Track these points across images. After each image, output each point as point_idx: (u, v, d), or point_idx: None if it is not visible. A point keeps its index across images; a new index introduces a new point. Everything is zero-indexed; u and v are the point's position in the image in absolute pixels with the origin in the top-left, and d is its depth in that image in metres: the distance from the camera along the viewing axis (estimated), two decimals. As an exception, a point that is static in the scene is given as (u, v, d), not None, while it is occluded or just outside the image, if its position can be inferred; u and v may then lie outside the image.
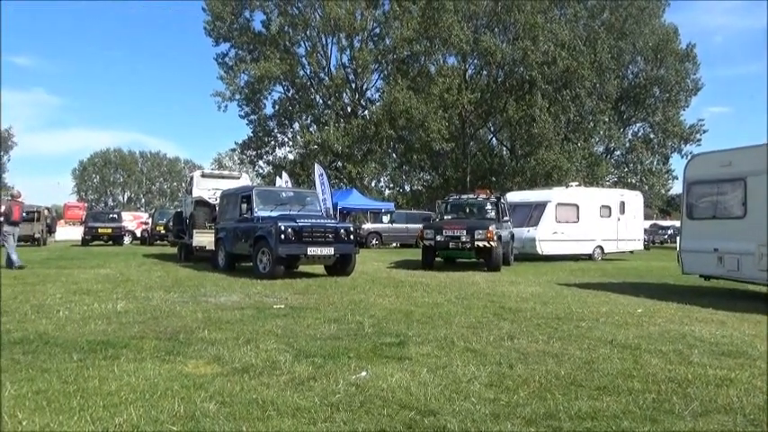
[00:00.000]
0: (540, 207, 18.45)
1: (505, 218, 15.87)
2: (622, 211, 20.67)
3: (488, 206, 15.71)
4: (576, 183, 24.58)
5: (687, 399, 3.84)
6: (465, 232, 13.82)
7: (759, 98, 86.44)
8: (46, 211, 28.53)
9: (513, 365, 4.59)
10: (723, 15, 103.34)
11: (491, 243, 13.67)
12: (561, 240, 18.48)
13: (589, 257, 19.61)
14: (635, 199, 22.04)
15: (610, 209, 20.31)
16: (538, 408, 3.60)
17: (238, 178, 18.07)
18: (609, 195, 21.39)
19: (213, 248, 13.94)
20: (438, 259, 15.34)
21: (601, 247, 19.98)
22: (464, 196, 16.51)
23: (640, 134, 44.70)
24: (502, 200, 16.21)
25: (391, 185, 48.70)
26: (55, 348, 4.91)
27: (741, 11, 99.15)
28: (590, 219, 19.56)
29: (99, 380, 4.03)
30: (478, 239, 13.67)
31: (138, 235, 31.82)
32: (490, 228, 13.86)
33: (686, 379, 4.29)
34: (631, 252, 21.75)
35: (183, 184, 27.98)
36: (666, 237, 40.98)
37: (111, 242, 27.48)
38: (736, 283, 10.08)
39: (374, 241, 26.44)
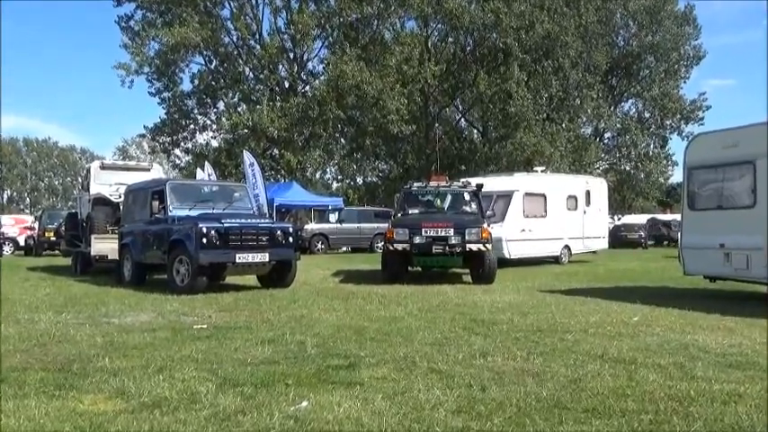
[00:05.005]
0: (504, 198, 18.06)
1: (489, 212, 15.23)
2: (588, 202, 20.96)
3: (466, 196, 14.78)
4: (542, 168, 24.74)
5: (689, 419, 3.95)
6: (453, 232, 12.81)
7: None
8: None
9: (485, 388, 4.64)
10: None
11: (486, 246, 12.88)
12: (529, 240, 18.34)
13: (555, 260, 19.64)
14: (600, 187, 22.44)
15: (576, 200, 20.49)
16: (515, 436, 3.64)
17: (148, 170, 17.78)
18: (575, 183, 21.59)
19: (117, 258, 13.65)
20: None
21: (568, 247, 20.12)
22: (433, 184, 15.27)
23: (634, 112, 45.93)
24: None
25: (340, 177, 48.62)
26: None
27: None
28: (557, 212, 19.63)
29: (-34, 423, 3.88)
30: (471, 241, 12.68)
31: (22, 243, 30.81)
32: (484, 226, 13.13)
33: (688, 396, 4.42)
34: (594, 252, 22.13)
35: (79, 179, 27.33)
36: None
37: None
38: (747, 284, 10.44)
39: (319, 245, 26.35)
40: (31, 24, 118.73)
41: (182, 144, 40.32)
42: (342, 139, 42.36)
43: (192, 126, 40.07)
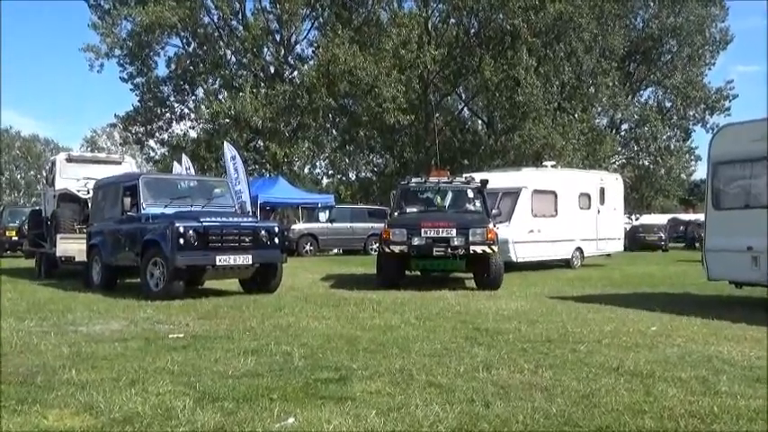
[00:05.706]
0: (510, 196, 18.10)
1: (494, 211, 15.24)
2: (602, 200, 21.10)
3: (470, 194, 14.88)
4: (553, 162, 24.91)
5: (712, 438, 3.97)
6: (455, 232, 12.90)
7: None
8: None
9: (489, 403, 4.66)
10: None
11: (491, 248, 12.95)
12: (538, 241, 18.40)
13: (566, 264, 19.75)
14: (615, 184, 22.55)
15: (589, 198, 20.62)
16: (521, 456, 3.66)
17: (119, 163, 17.80)
18: (588, 180, 21.73)
19: (85, 259, 13.62)
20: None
21: (580, 250, 20.23)
22: (433, 179, 15.44)
23: (653, 102, 45.92)
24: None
25: (331, 172, 48.66)
26: None
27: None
28: (569, 212, 19.73)
29: None
30: (475, 243, 12.77)
31: (-20, 244, 30.76)
32: (489, 226, 13.23)
33: (711, 413, 4.44)
34: (609, 255, 22.30)
35: (43, 173, 27.23)
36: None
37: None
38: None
39: (308, 246, 26.36)
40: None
41: (156, 134, 40.31)
42: (333, 130, 42.35)
43: (167, 115, 40.08)
